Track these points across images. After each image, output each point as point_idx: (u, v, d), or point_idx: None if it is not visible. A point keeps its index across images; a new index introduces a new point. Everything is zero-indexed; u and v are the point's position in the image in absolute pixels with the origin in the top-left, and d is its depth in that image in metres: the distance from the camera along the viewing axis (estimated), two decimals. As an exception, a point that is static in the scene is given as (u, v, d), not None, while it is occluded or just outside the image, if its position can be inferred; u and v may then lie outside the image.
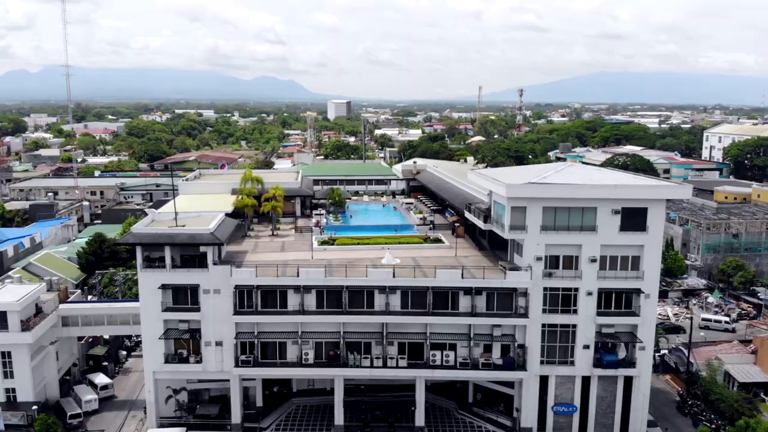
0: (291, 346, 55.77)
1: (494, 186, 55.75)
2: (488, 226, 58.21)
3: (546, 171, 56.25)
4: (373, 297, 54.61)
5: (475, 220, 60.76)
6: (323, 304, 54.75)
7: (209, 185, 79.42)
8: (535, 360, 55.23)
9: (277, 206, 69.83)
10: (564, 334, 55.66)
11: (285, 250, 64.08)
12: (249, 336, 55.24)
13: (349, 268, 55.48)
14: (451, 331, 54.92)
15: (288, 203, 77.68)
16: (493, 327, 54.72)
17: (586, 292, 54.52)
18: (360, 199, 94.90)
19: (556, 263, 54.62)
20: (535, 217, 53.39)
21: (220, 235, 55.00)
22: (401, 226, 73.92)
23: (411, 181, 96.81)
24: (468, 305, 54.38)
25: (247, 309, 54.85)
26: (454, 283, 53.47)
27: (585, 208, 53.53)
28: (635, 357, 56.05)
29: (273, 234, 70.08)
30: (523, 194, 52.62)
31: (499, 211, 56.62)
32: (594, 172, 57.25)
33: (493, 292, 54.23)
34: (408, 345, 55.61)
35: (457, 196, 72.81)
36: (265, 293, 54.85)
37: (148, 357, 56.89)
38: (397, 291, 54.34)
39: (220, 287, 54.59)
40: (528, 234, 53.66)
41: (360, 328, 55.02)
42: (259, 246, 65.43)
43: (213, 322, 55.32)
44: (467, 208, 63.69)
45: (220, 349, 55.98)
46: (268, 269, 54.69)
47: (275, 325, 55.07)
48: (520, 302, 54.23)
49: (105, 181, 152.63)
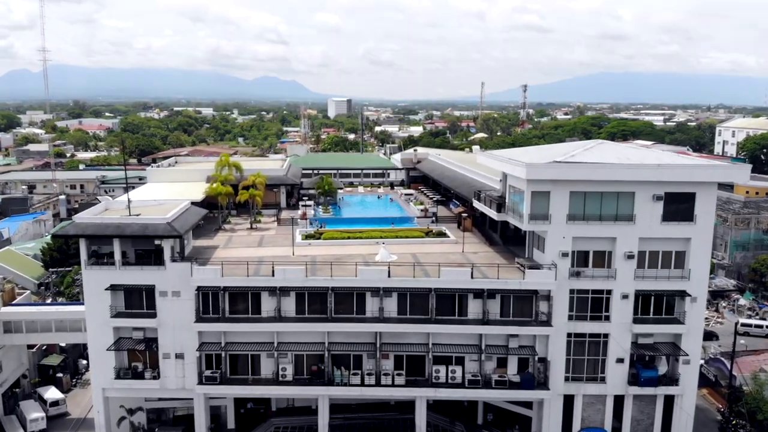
0: (266, 359, 46.55)
1: (510, 168, 46.48)
2: (502, 216, 48.95)
3: (573, 149, 46.97)
4: (365, 301, 45.38)
5: (486, 209, 51.51)
6: (304, 309, 45.53)
7: (182, 172, 70.28)
8: (558, 376, 46.01)
9: (256, 195, 60.60)
10: (594, 346, 46.44)
11: (263, 245, 54.85)
12: (215, 347, 46.01)
13: (336, 266, 46.32)
14: (458, 341, 45.64)
15: (271, 193, 68.53)
16: (508, 337, 45.41)
17: (621, 294, 45.30)
18: (354, 190, 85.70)
19: (585, 260, 45.39)
20: (561, 204, 44.15)
21: (179, 227, 45.79)
22: (399, 219, 64.78)
23: (411, 170, 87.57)
24: (478, 311, 45.14)
25: (212, 315, 45.66)
26: (461, 284, 44.19)
27: (621, 193, 44.28)
28: (678, 372, 46.89)
29: (251, 227, 60.88)
30: (547, 176, 43.34)
31: (515, 198, 47.37)
32: (630, 150, 48.16)
33: (509, 296, 45.00)
34: (406, 358, 46.37)
35: (463, 184, 63.55)
36: (233, 296, 45.66)
37: (96, 371, 47.77)
38: (394, 293, 45.12)
39: (179, 289, 45.42)
40: (552, 225, 44.42)
41: (348, 339, 45.75)
42: (233, 240, 56.21)
43: (172, 331, 46.14)
44: (476, 196, 54.43)
45: (180, 362, 46.78)
46: (238, 267, 45.49)
47: (246, 334, 45.82)
48: (542, 307, 44.99)
49: (85, 174, 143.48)
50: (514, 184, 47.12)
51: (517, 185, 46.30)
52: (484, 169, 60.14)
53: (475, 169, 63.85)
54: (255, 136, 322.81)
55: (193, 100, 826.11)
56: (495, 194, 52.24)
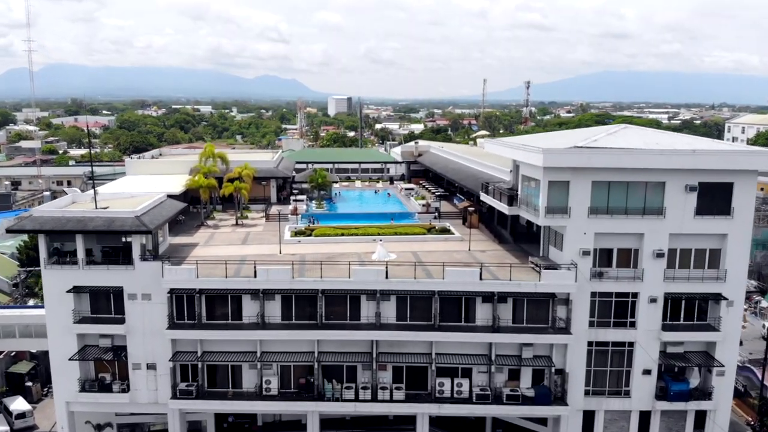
0: (248, 370, 41.36)
1: (524, 155, 41.24)
2: (514, 210, 43.74)
3: (594, 134, 41.70)
4: (359, 305, 40.24)
5: (496, 203, 46.30)
6: (291, 314, 40.36)
7: (164, 164, 65.06)
8: (578, 390, 40.82)
9: (242, 188, 55.37)
10: (617, 356, 41.29)
11: (247, 242, 49.66)
12: (190, 357, 40.81)
13: (328, 266, 41.14)
14: (464, 351, 40.44)
15: (260, 187, 63.33)
16: (521, 346, 40.18)
17: (648, 298, 40.13)
18: (351, 185, 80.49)
19: (608, 259, 40.21)
20: (582, 195, 38.95)
21: (149, 221, 40.60)
22: (399, 214, 59.55)
23: (412, 164, 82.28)
24: (488, 316, 39.95)
25: (186, 321, 40.50)
26: (469, 286, 39.00)
27: (649, 183, 39.07)
28: (711, 385, 41.71)
29: (237, 223, 55.66)
30: (567, 163, 38.08)
31: (529, 189, 42.16)
32: (659, 135, 42.99)
33: (523, 299, 39.80)
34: (406, 370, 41.22)
35: (469, 177, 58.29)
36: (211, 300, 40.48)
37: (58, 383, 42.64)
38: (392, 297, 39.96)
39: (150, 291, 40.26)
40: (571, 219, 39.20)
41: (341, 348, 40.59)
42: (215, 238, 51.00)
43: (142, 338, 41.00)
44: (484, 189, 49.23)
45: (152, 373, 41.65)
46: (216, 267, 40.26)
47: (226, 343, 40.65)
48: (560, 312, 39.79)
49: (72, 170, 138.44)
50: (528, 173, 41.89)
51: (531, 175, 41.06)
52: (492, 160, 55.07)
53: (481, 160, 58.69)
54: (253, 134, 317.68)
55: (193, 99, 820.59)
56: (505, 186, 47.07)
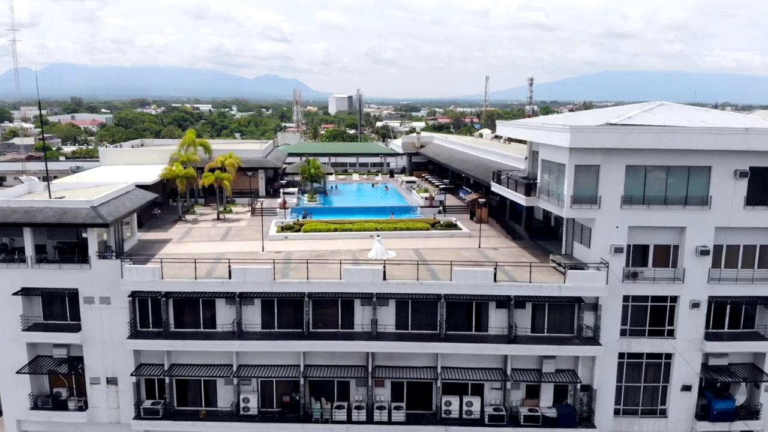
0: (223, 387, 35.63)
1: (545, 136, 35.50)
2: (532, 201, 38.00)
3: (626, 112, 35.85)
4: (353, 311, 34.50)
5: (510, 193, 40.57)
6: (273, 322, 34.63)
7: (143, 154, 59.40)
8: (606, 410, 35.11)
9: (223, 179, 49.67)
10: (653, 370, 35.59)
11: (227, 239, 43.97)
12: (156, 371, 35.09)
13: (316, 265, 35.46)
14: (475, 364, 34.67)
15: (247, 178, 57.67)
16: (542, 359, 34.42)
17: (690, 302, 34.41)
18: (348, 178, 74.86)
19: (644, 258, 34.50)
20: (615, 182, 33.23)
21: (107, 213, 34.87)
22: (400, 208, 53.92)
23: (414, 156, 76.65)
24: (502, 324, 34.21)
25: (151, 329, 34.78)
26: (481, 288, 33.24)
27: (693, 167, 33.35)
28: (759, 402, 36.02)
29: (218, 217, 49.97)
30: (598, 143, 32.30)
31: (550, 176, 36.42)
32: (701, 112, 37.28)
33: (544, 305, 34.06)
34: (407, 386, 35.47)
35: (477, 167, 52.61)
36: (180, 305, 34.76)
37: (8, 399, 37.02)
38: (391, 301, 34.25)
39: (109, 294, 34.58)
40: (602, 211, 33.49)
41: (331, 360, 34.85)
42: (192, 233, 45.32)
43: (101, 349, 35.34)
44: (495, 178, 43.53)
45: (113, 389, 36.00)
46: (186, 267, 34.54)
47: (197, 354, 34.91)
48: (587, 319, 34.04)
49: (60, 166, 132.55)
50: (549, 157, 36.13)
51: (554, 159, 35.29)
52: (502, 148, 49.41)
53: (490, 149, 52.99)
54: (253, 132, 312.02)
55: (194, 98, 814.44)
56: (520, 175, 41.37)
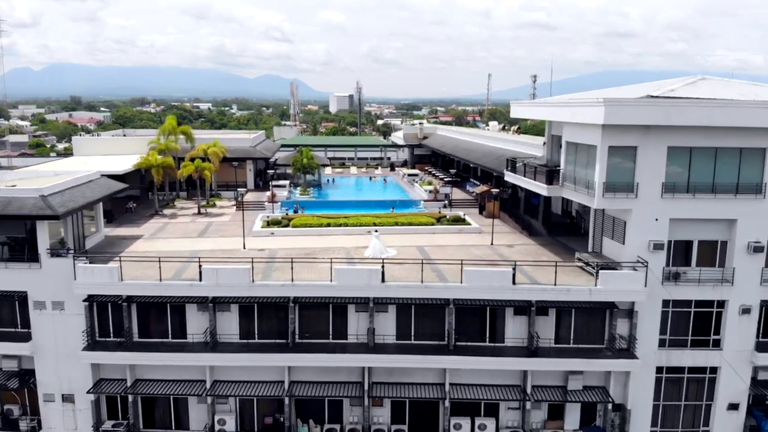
0: (195, 406, 30.67)
1: (572, 113, 30.53)
2: (555, 190, 33.00)
3: (667, 86, 30.84)
4: (346, 318, 29.55)
5: (528, 183, 35.60)
6: (252, 331, 29.69)
7: (119, 143, 54.54)
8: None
9: (204, 169, 44.75)
10: (695, 386, 30.64)
11: (206, 235, 39.06)
12: (118, 387, 30.15)
13: (304, 265, 30.55)
14: (489, 381, 29.70)
15: (234, 170, 52.82)
16: (567, 375, 29.46)
17: (740, 308, 29.45)
18: (346, 171, 69.98)
19: (686, 255, 29.55)
20: (654, 166, 28.28)
21: (60, 204, 29.97)
22: (401, 202, 49.01)
23: (416, 148, 71.72)
24: (521, 334, 29.24)
25: (112, 339, 29.86)
26: (497, 292, 28.26)
27: (745, 149, 28.39)
28: (816, 424, 31.00)
29: (200, 212, 45.07)
30: (638, 119, 27.31)
31: (577, 161, 31.44)
32: (752, 87, 32.38)
33: (570, 311, 29.08)
34: (410, 406, 30.50)
35: (487, 156, 47.66)
36: (144, 311, 29.83)
37: (-51, 420, 32.11)
38: (390, 307, 29.30)
39: (62, 298, 29.69)
40: (639, 200, 28.54)
41: (321, 376, 29.88)
42: (167, 229, 40.41)
43: (54, 361, 30.46)
44: (510, 166, 38.56)
45: (70, 407, 31.11)
46: (152, 267, 29.59)
47: (165, 369, 29.96)
48: (620, 328, 29.06)
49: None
50: (577, 139, 31.13)
51: (583, 140, 30.30)
52: (514, 137, 44.45)
53: (501, 136, 48.06)
54: (252, 130, 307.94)
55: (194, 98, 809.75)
56: (538, 163, 36.42)
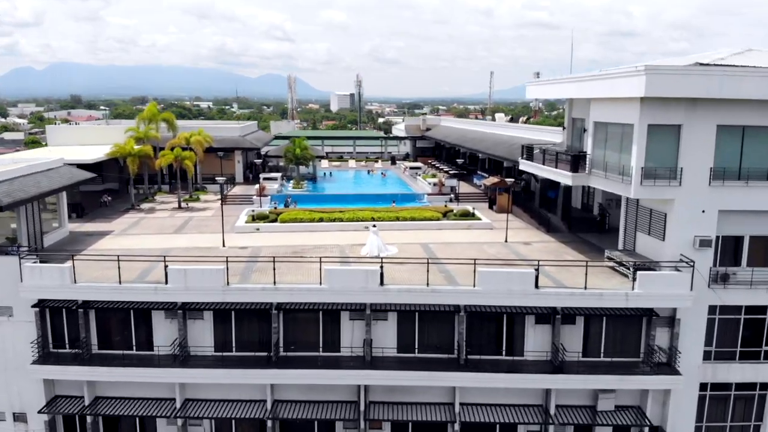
0: (165, 428, 26.47)
1: (603, 86, 26.30)
2: (581, 179, 28.76)
3: (715, 54, 26.59)
4: (339, 328, 25.35)
5: (548, 172, 31.42)
6: (229, 342, 25.51)
7: (100, 132, 50.40)
8: (682, 460, 25.96)
9: (185, 159, 40.58)
10: (743, 405, 26.46)
11: (184, 231, 34.89)
12: (75, 406, 25.99)
13: (291, 265, 26.39)
14: (505, 400, 25.48)
15: (222, 161, 48.68)
16: (597, 394, 25.25)
17: (798, 316, 25.25)
18: (344, 165, 65.84)
19: (736, 254, 25.33)
20: (702, 149, 24.08)
21: (3, 194, 25.80)
22: (403, 196, 44.87)
23: (418, 140, 67.51)
24: (544, 346, 25.03)
25: (67, 350, 25.70)
26: (517, 297, 24.02)
27: (807, 130, 24.20)
28: None
29: (180, 206, 40.93)
30: (684, 91, 23.11)
31: (608, 144, 27.23)
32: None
33: (601, 319, 24.84)
34: (413, 429, 26.27)
35: (497, 145, 43.49)
36: (104, 319, 25.66)
37: None
38: (391, 315, 25.11)
39: (10, 303, 25.55)
40: (683, 189, 24.35)
41: (309, 395, 25.67)
42: (142, 224, 36.26)
43: (3, 375, 26.33)
44: (525, 154, 34.36)
45: (22, 428, 27.00)
46: (114, 268, 25.36)
47: (129, 386, 25.80)
48: (659, 339, 24.85)
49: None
50: (608, 118, 26.92)
51: (616, 119, 26.09)
52: (526, 125, 40.15)
53: (512, 125, 43.83)
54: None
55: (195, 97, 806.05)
56: (557, 149, 32.23)
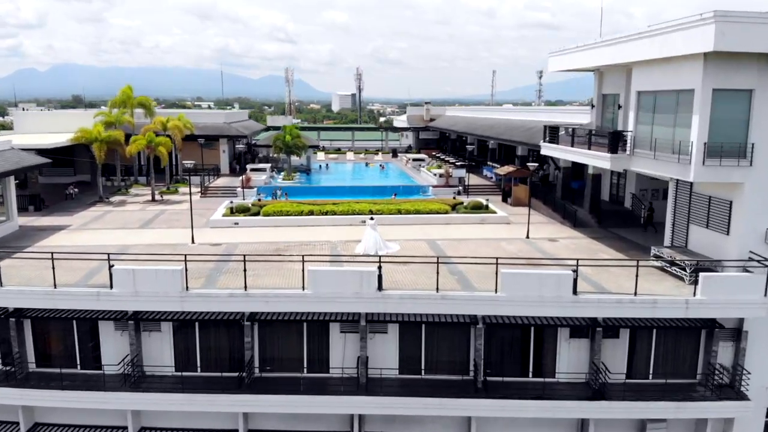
0: (117, 463, 21.88)
1: (654, 44, 21.64)
2: (621, 161, 23.99)
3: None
4: (327, 343, 20.66)
5: (579, 155, 26.77)
6: (192, 360, 20.84)
7: (70, 118, 45.69)
8: (746, 503, 21.25)
9: (158, 145, 35.90)
10: (820, 437, 21.76)
11: (152, 225, 30.28)
12: (6, 438, 21.43)
13: (268, 266, 21.76)
14: (533, 430, 20.78)
15: (207, 151, 44.10)
16: (645, 424, 20.54)
17: None
18: (341, 157, 61.29)
19: (815, 253, 20.68)
20: (780, 121, 19.46)
21: None
22: (405, 188, 40.26)
23: (421, 131, 62.89)
24: (580, 365, 20.33)
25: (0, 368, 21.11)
26: (549, 305, 19.26)
27: None
28: None
29: (154, 198, 36.32)
30: (762, 44, 18.50)
31: (655, 118, 22.56)
32: None
33: (650, 330, 20.16)
34: (419, 466, 21.63)
35: (512, 130, 38.86)
36: (42, 331, 21.03)
37: None
38: (391, 327, 20.41)
39: (-75, 312, 20.95)
40: (754, 170, 19.73)
41: (291, 424, 20.94)
42: (105, 218, 31.68)
43: None
44: (548, 136, 29.70)
45: (-53, 464, 22.38)
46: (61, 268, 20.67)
47: (72, 412, 21.14)
48: (721, 356, 20.19)
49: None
50: (657, 85, 22.28)
51: (668, 85, 21.41)
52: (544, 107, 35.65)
53: (527, 109, 39.30)
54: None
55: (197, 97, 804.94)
56: (583, 128, 27.59)
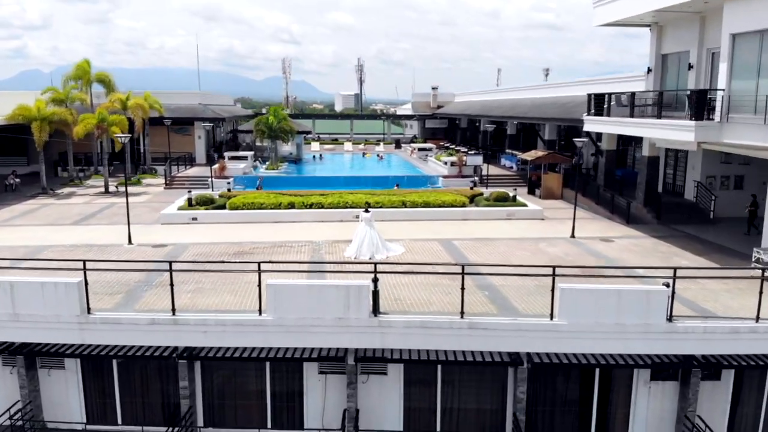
0: None
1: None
2: (710, 132, 17.57)
3: None
4: (301, 389, 14.37)
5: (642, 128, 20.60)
6: (111, 410, 14.58)
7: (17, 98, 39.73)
8: None
9: (111, 125, 29.77)
10: None
11: (89, 221, 24.10)
12: None
13: (225, 277, 15.47)
14: None
15: (178, 138, 38.01)
16: (760, 503, 14.24)
17: None
18: (338, 147, 55.14)
19: None
20: None
21: None
22: (410, 179, 34.12)
23: (428, 120, 56.74)
24: (663, 417, 14.01)
25: None
26: (631, 337, 12.89)
27: None
28: None
29: (107, 190, 30.23)
30: None
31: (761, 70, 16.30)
32: None
33: (762, 370, 13.85)
34: None
35: (539, 107, 32.66)
36: None
37: None
38: (392, 367, 14.01)
39: None
40: None
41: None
42: (37, 213, 25.59)
43: None
44: (594, 107, 23.45)
45: None
46: None
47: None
48: None
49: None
50: (760, 24, 16.07)
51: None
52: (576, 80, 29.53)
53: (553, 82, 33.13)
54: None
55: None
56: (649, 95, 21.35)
